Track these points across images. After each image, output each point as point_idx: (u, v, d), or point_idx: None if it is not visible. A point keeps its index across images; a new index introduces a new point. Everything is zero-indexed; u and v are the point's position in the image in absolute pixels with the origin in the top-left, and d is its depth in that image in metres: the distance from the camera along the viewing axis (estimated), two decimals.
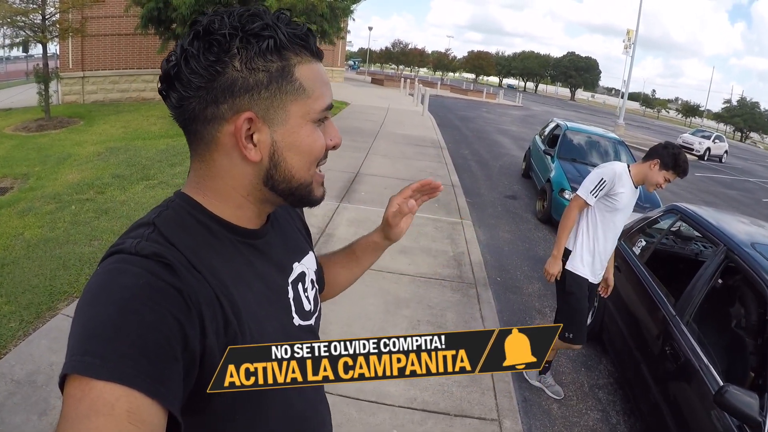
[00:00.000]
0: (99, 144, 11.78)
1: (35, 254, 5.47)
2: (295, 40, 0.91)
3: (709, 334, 3.68)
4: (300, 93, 0.92)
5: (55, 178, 8.93)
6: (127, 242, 0.84)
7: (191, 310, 0.79)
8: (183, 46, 0.87)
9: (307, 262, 1.19)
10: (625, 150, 10.82)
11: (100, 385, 0.68)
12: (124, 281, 0.77)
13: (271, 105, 0.90)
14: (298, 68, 0.92)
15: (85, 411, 0.66)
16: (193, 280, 0.83)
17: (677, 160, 3.66)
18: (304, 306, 1.12)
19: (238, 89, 0.87)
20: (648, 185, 3.80)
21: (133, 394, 0.68)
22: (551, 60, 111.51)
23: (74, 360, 0.70)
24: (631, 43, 33.83)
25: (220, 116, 0.89)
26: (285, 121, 0.92)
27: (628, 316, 4.45)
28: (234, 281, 0.92)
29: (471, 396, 3.86)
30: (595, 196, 3.77)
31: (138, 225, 0.90)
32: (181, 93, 0.87)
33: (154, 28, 13.70)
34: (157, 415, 0.70)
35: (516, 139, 21.14)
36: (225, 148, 0.92)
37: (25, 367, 3.55)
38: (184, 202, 0.95)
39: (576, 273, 3.89)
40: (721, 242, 3.81)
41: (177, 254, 0.84)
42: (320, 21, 13.77)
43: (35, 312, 4.31)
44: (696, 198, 14.75)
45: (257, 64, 0.87)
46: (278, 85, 0.89)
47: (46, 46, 15.01)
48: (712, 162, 28.79)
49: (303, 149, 0.95)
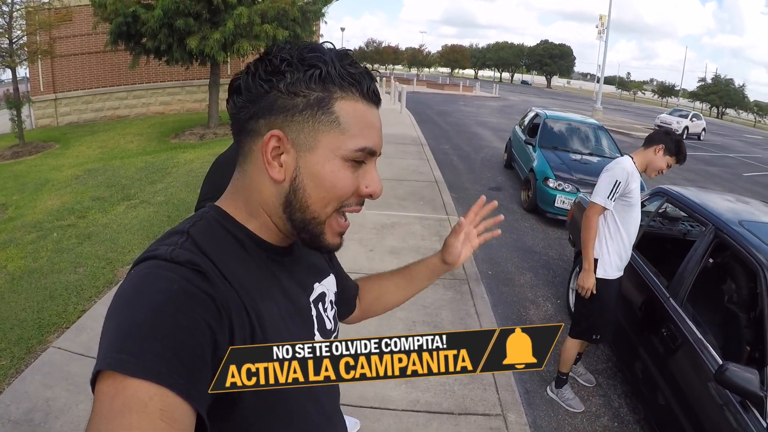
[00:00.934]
0: (76, 167, 11.68)
1: (20, 287, 5.36)
2: (346, 77, 0.94)
3: (704, 312, 3.71)
4: (334, 126, 0.94)
5: (34, 205, 8.82)
6: (162, 249, 0.86)
7: (222, 318, 0.82)
8: (249, 66, 0.95)
9: (327, 283, 1.22)
10: (605, 134, 10.91)
11: (135, 382, 0.69)
12: (159, 285, 0.79)
13: (302, 130, 0.93)
14: (340, 102, 0.94)
15: (119, 407, 0.67)
16: (224, 289, 0.85)
17: (680, 147, 3.72)
18: (326, 325, 1.16)
19: (276, 108, 0.92)
20: (650, 171, 3.78)
21: (166, 393, 0.70)
22: (525, 49, 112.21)
23: (109, 357, 0.72)
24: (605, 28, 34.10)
25: (257, 131, 0.94)
26: (313, 149, 0.94)
27: (622, 301, 4.43)
28: (261, 294, 0.94)
29: (473, 393, 3.85)
30: (613, 200, 3.69)
31: (171, 233, 0.93)
32: (235, 103, 0.95)
33: (123, 43, 13.55)
34: (188, 415, 0.72)
35: (496, 131, 21.20)
36: (257, 162, 0.96)
37: (21, 405, 3.47)
38: (217, 214, 0.99)
39: (609, 279, 3.81)
40: (710, 222, 3.82)
41: (209, 263, 0.87)
42: (293, 26, 13.73)
43: (26, 347, 4.22)
44: (678, 176, 14.85)
45: (298, 89, 0.92)
46: (313, 112, 0.93)
47: (15, 71, 14.85)
48: (691, 140, 29.01)
49: (325, 183, 0.95)
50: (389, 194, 8.82)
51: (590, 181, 8.70)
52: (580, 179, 8.72)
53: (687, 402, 3.22)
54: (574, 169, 9.04)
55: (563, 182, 8.62)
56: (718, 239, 3.67)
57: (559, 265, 6.97)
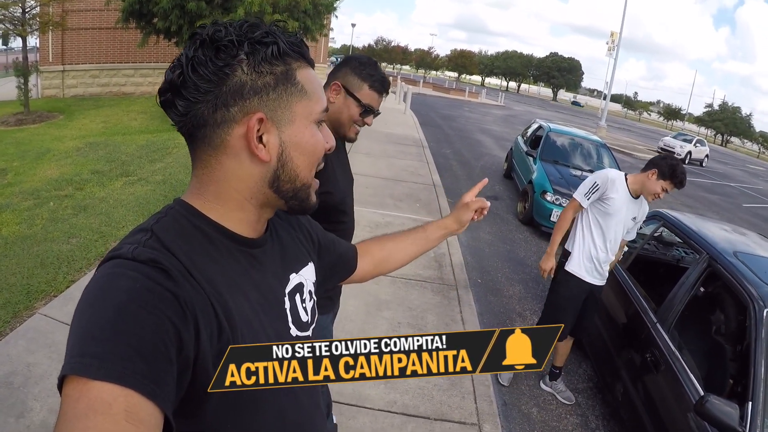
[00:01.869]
0: (78, 139, 11.64)
1: (12, 252, 5.38)
2: (294, 47, 0.96)
3: (690, 341, 3.72)
4: (303, 95, 0.98)
5: (33, 173, 8.79)
6: (125, 248, 0.86)
7: (187, 316, 0.81)
8: (188, 55, 0.90)
9: (305, 273, 1.21)
10: (607, 153, 10.89)
11: (98, 385, 0.69)
12: (122, 285, 0.79)
13: (279, 106, 0.95)
14: (299, 72, 0.97)
15: (83, 410, 0.67)
16: (188, 287, 0.84)
17: (675, 171, 3.73)
18: (301, 317, 1.15)
19: (247, 91, 0.91)
20: (646, 194, 3.87)
21: (130, 394, 0.69)
22: (534, 60, 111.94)
23: (72, 361, 0.71)
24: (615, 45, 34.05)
25: (230, 119, 0.92)
26: (291, 122, 0.97)
27: (609, 321, 4.48)
28: (229, 289, 0.93)
29: (451, 400, 3.85)
30: (588, 199, 3.91)
31: (136, 231, 0.92)
32: (189, 99, 0.90)
33: (135, 22, 13.53)
34: (154, 416, 0.72)
35: (498, 139, 21.19)
36: (234, 151, 0.94)
37: (1, 368, 3.49)
38: (182, 209, 0.97)
39: (572, 273, 4.01)
40: (704, 250, 3.85)
41: (173, 260, 0.86)
42: (303, 17, 13.72)
43: (12, 311, 4.23)
44: (676, 202, 14.86)
45: (264, 68, 0.92)
46: (284, 87, 0.95)
47: (25, 40, 14.77)
48: (693, 166, 28.94)
49: (308, 149, 1.00)
50: (385, 193, 8.86)
51: None
52: None
53: (664, 430, 3.23)
54: (572, 185, 8.97)
55: (561, 197, 8.60)
56: (711, 268, 3.69)
57: (549, 280, 6.96)
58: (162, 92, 0.93)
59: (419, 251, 1.68)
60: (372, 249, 1.61)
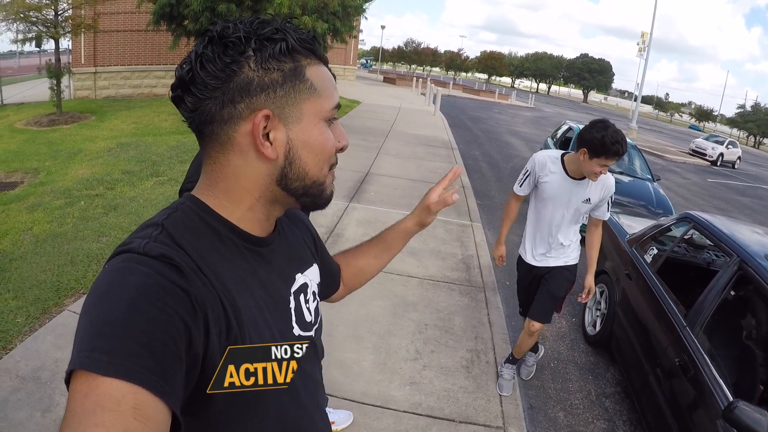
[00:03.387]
0: (110, 139, 11.79)
1: (43, 250, 5.49)
2: (304, 44, 0.95)
3: (720, 346, 3.64)
4: (312, 92, 0.96)
5: (65, 173, 8.93)
6: (135, 242, 0.85)
7: (197, 312, 0.81)
8: (197, 52, 0.90)
9: (310, 273, 1.21)
10: (638, 155, 10.71)
11: (107, 381, 0.68)
12: (133, 280, 0.78)
13: (286, 103, 0.93)
14: (309, 69, 0.96)
15: (91, 406, 0.67)
16: (199, 283, 0.84)
17: (604, 145, 3.31)
18: (305, 317, 1.14)
19: (254, 88, 0.90)
20: (587, 176, 3.55)
21: (139, 391, 0.69)
22: (564, 61, 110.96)
23: (81, 356, 0.71)
24: (646, 45, 33.57)
25: (237, 116, 0.91)
26: (299, 119, 0.95)
27: (637, 325, 4.39)
28: (237, 287, 0.93)
29: (476, 402, 3.81)
30: (521, 186, 3.86)
31: (146, 225, 0.91)
32: (197, 96, 0.90)
33: (165, 24, 13.68)
34: (162, 413, 0.71)
35: (527, 141, 21.06)
36: (240, 148, 0.94)
37: (30, 363, 3.56)
38: (193, 204, 0.97)
39: (520, 257, 4.15)
40: (735, 253, 3.74)
41: (184, 256, 0.86)
42: (332, 19, 13.74)
43: (42, 307, 4.33)
44: (708, 204, 14.63)
45: (271, 65, 0.91)
46: (292, 84, 0.93)
47: (58, 42, 15.02)
48: (725, 168, 28.50)
49: (316, 147, 0.98)
50: (414, 195, 8.83)
51: (618, 199, 8.55)
52: None
53: None
54: None
55: None
56: (742, 271, 3.59)
57: (578, 282, 6.85)
58: (173, 88, 0.93)
59: (384, 264, 1.60)
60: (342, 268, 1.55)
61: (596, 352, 5.15)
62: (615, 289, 5.03)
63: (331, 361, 3.91)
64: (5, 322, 4.10)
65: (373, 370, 3.97)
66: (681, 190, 16.51)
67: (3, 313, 4.21)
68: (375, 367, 4.00)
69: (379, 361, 4.07)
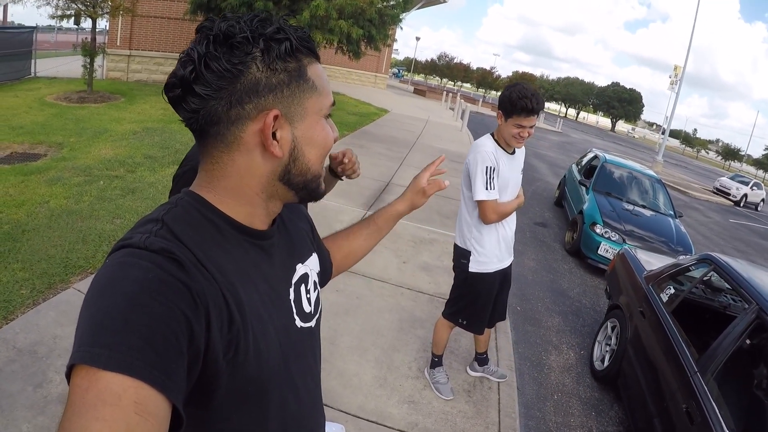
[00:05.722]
0: (136, 123, 11.87)
1: (57, 224, 5.50)
2: (303, 43, 0.97)
3: (730, 394, 3.57)
4: (313, 91, 0.99)
5: (88, 151, 8.97)
6: (136, 237, 0.85)
7: (198, 307, 0.81)
8: (200, 51, 0.89)
9: (310, 263, 1.24)
10: (662, 189, 10.61)
11: (108, 375, 0.68)
12: (134, 274, 0.78)
13: (292, 103, 0.95)
14: (309, 68, 0.98)
15: (92, 401, 0.67)
16: (200, 277, 0.84)
17: (512, 101, 3.17)
18: (303, 308, 1.16)
19: (262, 89, 0.91)
20: (508, 141, 3.37)
21: (140, 386, 0.69)
22: (595, 88, 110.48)
23: (82, 350, 0.71)
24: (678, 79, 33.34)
25: (245, 116, 0.92)
26: (303, 117, 0.98)
27: (647, 365, 4.28)
28: (240, 280, 0.94)
29: (474, 429, 3.73)
30: (493, 188, 3.35)
31: (146, 221, 0.91)
32: (202, 96, 0.89)
33: (203, 15, 13.77)
34: (163, 408, 0.71)
35: (551, 165, 20.93)
36: (247, 147, 0.95)
37: (29, 336, 3.57)
38: (193, 200, 0.97)
39: (485, 272, 3.60)
40: (754, 300, 3.64)
41: (185, 251, 0.86)
42: (368, 26, 13.75)
43: (48, 282, 4.34)
44: (728, 245, 14.43)
45: (277, 65, 0.92)
46: (297, 84, 0.95)
47: (95, 22, 15.13)
48: (748, 209, 28.17)
49: (319, 143, 1.02)
50: (433, 210, 8.76)
51: (639, 233, 8.52)
52: (629, 230, 8.51)
53: None
54: (624, 219, 8.81)
55: (611, 230, 8.39)
56: (759, 320, 3.48)
57: (590, 314, 6.78)
58: (170, 87, 0.91)
59: (372, 245, 1.64)
60: (332, 251, 1.56)
61: (602, 388, 5.04)
62: (627, 325, 4.91)
63: (331, 370, 3.86)
64: (9, 292, 4.10)
65: (373, 384, 3.90)
66: (702, 228, 16.30)
67: (9, 284, 4.21)
68: (375, 381, 3.93)
69: (380, 376, 3.99)
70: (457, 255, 3.68)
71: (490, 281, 3.65)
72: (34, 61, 17.84)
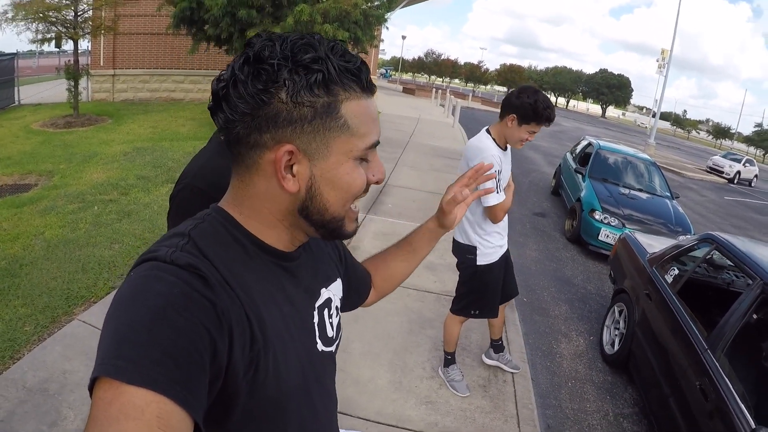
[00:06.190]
0: (126, 143, 11.80)
1: (54, 255, 5.41)
2: (346, 74, 0.90)
3: (741, 369, 3.59)
4: (344, 130, 0.91)
5: (79, 176, 8.91)
6: (162, 250, 0.84)
7: (222, 324, 0.80)
8: (234, 69, 0.87)
9: (334, 288, 1.21)
10: (657, 171, 10.69)
11: (131, 389, 0.68)
12: (159, 289, 0.77)
13: (313, 140, 0.90)
14: (345, 104, 0.91)
15: (114, 414, 0.66)
16: (225, 295, 0.83)
17: (537, 110, 3.21)
18: (327, 332, 1.14)
19: (281, 121, 0.87)
20: (512, 143, 3.42)
21: (163, 401, 0.68)
22: (584, 76, 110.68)
23: (106, 363, 0.70)
24: (665, 62, 33.43)
25: (262, 144, 0.89)
26: (326, 156, 0.92)
27: (657, 346, 4.30)
28: (264, 300, 0.93)
29: (494, 423, 3.72)
30: (501, 190, 3.41)
31: (173, 234, 0.90)
32: (228, 116, 0.88)
33: (186, 28, 13.67)
34: (185, 423, 0.71)
35: (546, 155, 20.95)
36: (265, 174, 0.92)
37: (37, 374, 3.50)
38: (220, 216, 0.96)
39: (491, 263, 3.66)
40: (758, 276, 3.68)
41: (210, 268, 0.85)
42: (354, 28, 13.68)
43: (51, 316, 4.26)
44: (725, 223, 14.48)
45: (303, 98, 0.87)
46: (322, 120, 0.89)
47: (77, 43, 15.08)
48: (742, 186, 28.42)
49: (341, 186, 0.95)
50: (431, 207, 8.65)
51: (638, 217, 8.56)
52: (627, 214, 8.53)
53: None
54: (622, 204, 8.84)
55: (610, 216, 8.41)
56: (764, 294, 3.53)
57: (596, 300, 6.78)
58: (212, 98, 0.91)
59: (413, 267, 1.58)
60: (372, 274, 1.53)
61: (614, 371, 5.06)
62: (634, 308, 4.93)
63: (345, 378, 3.83)
64: (13, 330, 4.02)
65: (389, 388, 3.87)
66: (698, 207, 16.35)
67: (12, 321, 4.13)
68: (391, 385, 3.91)
69: (395, 379, 3.97)
70: (462, 251, 3.71)
71: (497, 269, 3.72)
72: (17, 89, 17.81)
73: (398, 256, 1.54)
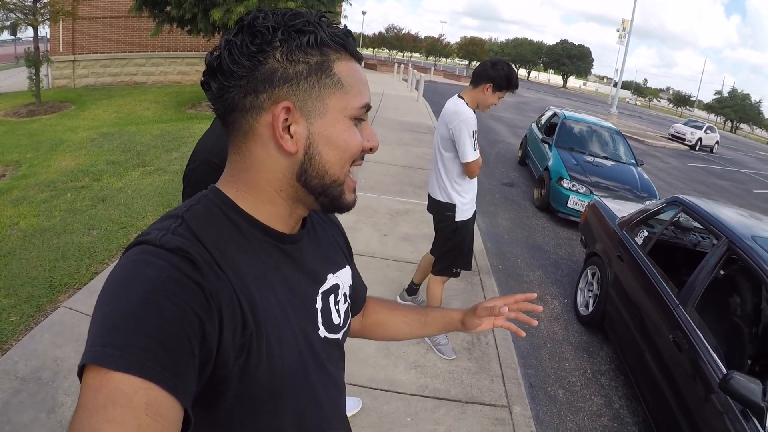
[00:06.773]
0: (92, 129, 11.65)
1: (32, 245, 5.34)
2: (335, 38, 0.93)
3: (711, 322, 3.76)
4: (338, 87, 0.93)
5: (48, 165, 8.80)
6: (153, 233, 0.83)
7: (211, 308, 0.79)
8: (228, 39, 0.89)
9: (342, 275, 1.19)
10: (621, 139, 10.93)
11: (119, 376, 0.67)
12: (147, 273, 0.77)
13: (309, 96, 0.91)
14: (337, 64, 0.93)
15: (102, 401, 0.66)
16: (215, 278, 0.82)
17: (510, 79, 3.69)
18: (332, 319, 1.11)
19: (277, 79, 0.88)
20: (482, 108, 3.83)
21: (151, 387, 0.68)
22: (544, 47, 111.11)
23: (94, 350, 0.70)
24: (626, 32, 33.74)
25: (258, 106, 0.90)
26: (322, 113, 0.92)
27: (631, 305, 4.50)
28: (257, 282, 0.91)
29: (480, 383, 3.88)
30: (477, 148, 3.77)
31: (167, 217, 0.90)
32: (222, 83, 0.89)
33: (148, 10, 13.45)
34: (173, 409, 0.70)
35: (511, 126, 21.12)
36: (262, 139, 0.92)
37: (29, 363, 3.45)
38: (216, 197, 0.95)
39: (466, 219, 3.99)
40: (724, 235, 3.87)
41: (202, 250, 0.84)
42: (317, 5, 13.62)
43: (36, 305, 4.21)
44: (688, 188, 14.84)
45: (297, 56, 0.89)
46: (317, 77, 0.91)
47: (36, 29, 14.76)
48: (704, 152, 28.95)
49: (339, 144, 0.95)
50: (404, 181, 8.85)
51: (604, 184, 8.75)
52: (594, 181, 8.73)
53: (688, 408, 3.29)
54: (589, 171, 9.04)
55: (577, 183, 8.60)
56: (730, 252, 3.73)
57: (568, 264, 6.97)
58: (203, 74, 0.92)
59: (410, 334, 1.51)
60: (368, 306, 1.49)
61: (589, 331, 5.26)
62: (607, 270, 5.12)
63: None
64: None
65: (378, 355, 3.99)
66: (662, 174, 16.69)
67: None
68: (379, 352, 4.02)
69: (383, 346, 4.08)
70: (441, 209, 3.97)
71: (472, 224, 4.09)
72: None
73: (406, 316, 1.50)
